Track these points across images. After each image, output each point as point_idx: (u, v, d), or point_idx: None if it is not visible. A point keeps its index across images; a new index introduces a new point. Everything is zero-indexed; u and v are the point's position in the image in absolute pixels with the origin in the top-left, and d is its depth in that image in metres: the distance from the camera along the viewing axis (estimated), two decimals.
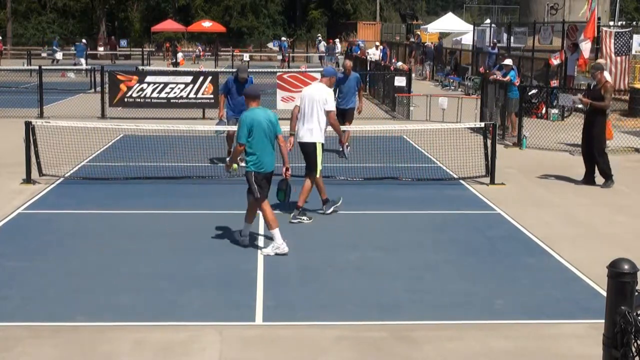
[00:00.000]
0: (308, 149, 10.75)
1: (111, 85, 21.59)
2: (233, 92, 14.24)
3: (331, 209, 10.99)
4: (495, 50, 30.11)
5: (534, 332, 6.91)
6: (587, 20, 22.59)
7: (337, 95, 14.99)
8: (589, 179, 13.29)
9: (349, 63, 16.13)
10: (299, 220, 10.55)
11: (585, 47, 21.98)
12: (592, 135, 13.24)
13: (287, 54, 49.84)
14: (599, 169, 13.23)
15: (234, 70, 15.27)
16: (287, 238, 9.70)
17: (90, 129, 15.48)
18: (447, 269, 8.61)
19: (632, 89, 23.30)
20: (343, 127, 14.70)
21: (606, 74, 17.21)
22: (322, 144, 10.78)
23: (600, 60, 19.48)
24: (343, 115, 15.11)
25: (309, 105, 10.73)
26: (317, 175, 10.74)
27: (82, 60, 39.80)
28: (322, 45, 50.73)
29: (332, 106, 10.77)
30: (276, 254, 8.95)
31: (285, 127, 10.20)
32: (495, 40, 30.82)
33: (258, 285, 7.94)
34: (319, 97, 10.72)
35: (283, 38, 56.25)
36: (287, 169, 9.51)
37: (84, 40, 44.67)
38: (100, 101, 21.72)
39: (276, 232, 9.01)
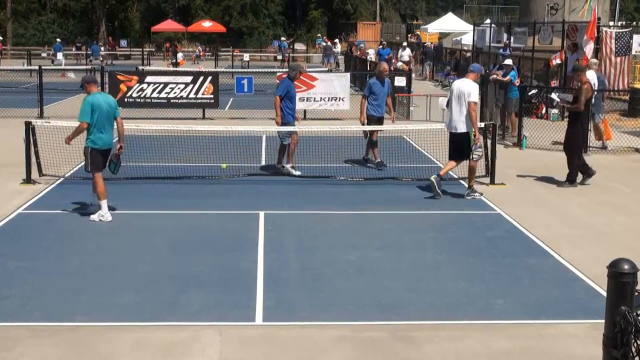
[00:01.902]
0: (461, 138, 11.93)
1: (111, 85, 21.59)
2: (293, 95, 13.64)
3: (470, 197, 11.98)
4: (508, 52, 27.95)
5: (534, 332, 6.91)
6: (589, 21, 22.60)
7: (371, 101, 14.44)
8: (583, 177, 13.33)
9: (386, 66, 15.35)
10: (472, 197, 11.98)
11: (588, 48, 21.99)
12: (568, 135, 13.32)
13: (287, 54, 49.78)
14: (568, 167, 13.22)
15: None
16: (288, 238, 9.72)
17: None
18: (447, 269, 8.61)
19: (632, 89, 23.30)
20: (366, 128, 14.41)
21: (590, 73, 17.23)
22: (474, 132, 11.94)
23: (592, 60, 19.48)
24: (380, 123, 14.57)
25: (458, 98, 11.90)
26: (473, 157, 12.01)
27: (59, 55, 42.78)
28: (324, 46, 50.53)
29: (475, 98, 11.85)
30: (100, 220, 10.33)
31: None
32: (507, 41, 28.71)
33: (258, 285, 7.94)
34: (465, 89, 11.84)
35: (283, 38, 56.15)
36: (120, 147, 10.70)
37: (58, 40, 47.67)
38: None
39: (104, 203, 10.42)
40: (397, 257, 9.00)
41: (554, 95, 16.31)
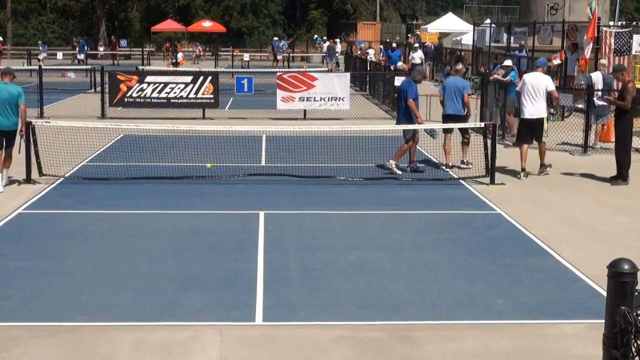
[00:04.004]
0: (538, 123, 13.74)
1: (111, 85, 21.60)
2: (417, 97, 13.97)
3: (543, 173, 13.83)
4: (524, 54, 26.57)
5: (534, 332, 6.91)
6: (589, 20, 22.60)
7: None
8: (615, 178, 13.43)
9: (462, 68, 16.30)
10: (546, 173, 13.84)
11: (587, 49, 21.99)
12: (616, 135, 13.66)
13: (282, 54, 49.52)
14: (617, 166, 13.44)
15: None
16: (288, 238, 9.72)
17: (90, 129, 15.48)
18: (447, 269, 8.61)
19: (635, 90, 23.26)
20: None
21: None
22: (547, 118, 13.98)
23: (601, 60, 19.51)
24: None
25: (534, 89, 13.64)
26: (543, 141, 13.90)
27: (43, 55, 45.53)
28: (326, 46, 50.29)
29: (553, 87, 13.96)
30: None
31: None
32: (522, 42, 27.33)
33: (258, 285, 7.94)
34: (542, 82, 13.68)
35: (275, 38, 55.82)
36: (20, 130, 12.51)
37: (40, 42, 51.02)
38: (100, 101, 21.73)
39: (4, 173, 12.29)
40: (397, 257, 9.00)
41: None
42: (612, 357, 3.85)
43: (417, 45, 37.09)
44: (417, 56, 33.93)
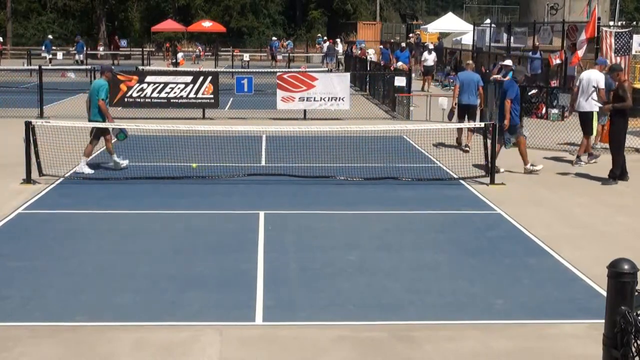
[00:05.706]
0: (587, 116, 14.79)
1: (111, 85, 21.56)
2: (519, 97, 14.26)
3: (578, 164, 14.44)
4: (538, 55, 25.37)
5: (534, 332, 6.91)
6: (588, 20, 22.61)
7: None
8: (621, 176, 13.52)
9: (472, 63, 17.69)
10: (579, 164, 14.45)
11: (581, 50, 22.03)
12: (611, 134, 13.67)
13: (282, 54, 49.46)
14: (612, 164, 13.47)
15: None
16: (288, 238, 9.71)
17: (90, 129, 15.44)
18: (448, 269, 8.61)
19: (632, 89, 23.26)
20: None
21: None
22: (597, 112, 14.90)
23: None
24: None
25: (587, 84, 14.69)
26: (594, 134, 15.10)
27: (47, 55, 44.76)
28: (326, 46, 50.20)
29: (602, 85, 14.67)
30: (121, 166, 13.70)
31: None
32: (537, 44, 26.13)
33: (258, 285, 7.95)
34: (594, 78, 14.69)
35: (274, 38, 55.75)
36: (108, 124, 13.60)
37: (50, 37, 50.31)
38: None
39: (83, 161, 13.45)
40: (397, 257, 9.00)
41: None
42: (612, 357, 3.85)
43: (431, 47, 36.45)
44: (431, 58, 33.30)
